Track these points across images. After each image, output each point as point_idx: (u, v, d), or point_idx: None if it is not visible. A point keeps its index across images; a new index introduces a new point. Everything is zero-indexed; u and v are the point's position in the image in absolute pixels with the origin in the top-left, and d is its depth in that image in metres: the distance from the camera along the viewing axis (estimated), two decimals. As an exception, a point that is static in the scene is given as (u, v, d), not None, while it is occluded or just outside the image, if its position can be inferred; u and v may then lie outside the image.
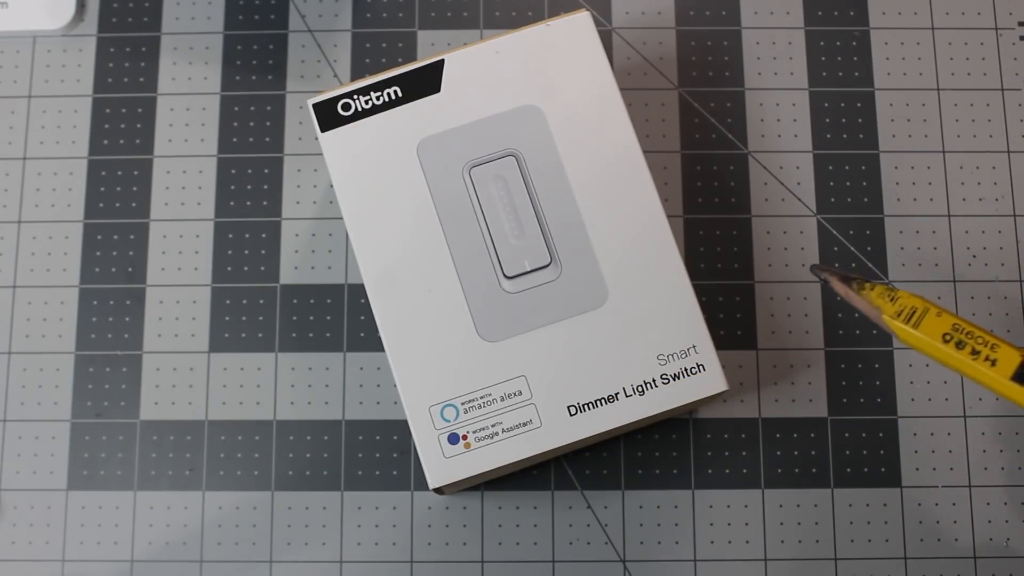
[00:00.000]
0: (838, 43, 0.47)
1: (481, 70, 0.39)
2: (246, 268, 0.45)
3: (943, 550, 0.43)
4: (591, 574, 0.42)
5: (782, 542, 0.43)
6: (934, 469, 0.43)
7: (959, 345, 0.31)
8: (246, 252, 0.45)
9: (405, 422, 0.44)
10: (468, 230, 0.38)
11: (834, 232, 0.45)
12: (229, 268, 0.45)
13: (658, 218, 0.38)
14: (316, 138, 0.44)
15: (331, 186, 0.46)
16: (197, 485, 0.43)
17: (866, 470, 0.43)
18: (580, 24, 0.40)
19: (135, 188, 0.46)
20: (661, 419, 0.40)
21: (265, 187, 0.46)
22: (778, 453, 0.44)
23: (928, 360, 0.44)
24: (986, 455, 0.43)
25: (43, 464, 0.44)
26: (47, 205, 0.46)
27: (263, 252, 0.45)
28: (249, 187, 0.46)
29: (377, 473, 0.43)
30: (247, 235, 0.46)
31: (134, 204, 0.46)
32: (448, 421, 0.37)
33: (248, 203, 0.46)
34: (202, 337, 0.45)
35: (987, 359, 0.31)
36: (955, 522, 0.43)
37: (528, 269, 0.38)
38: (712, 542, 0.43)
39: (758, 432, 0.44)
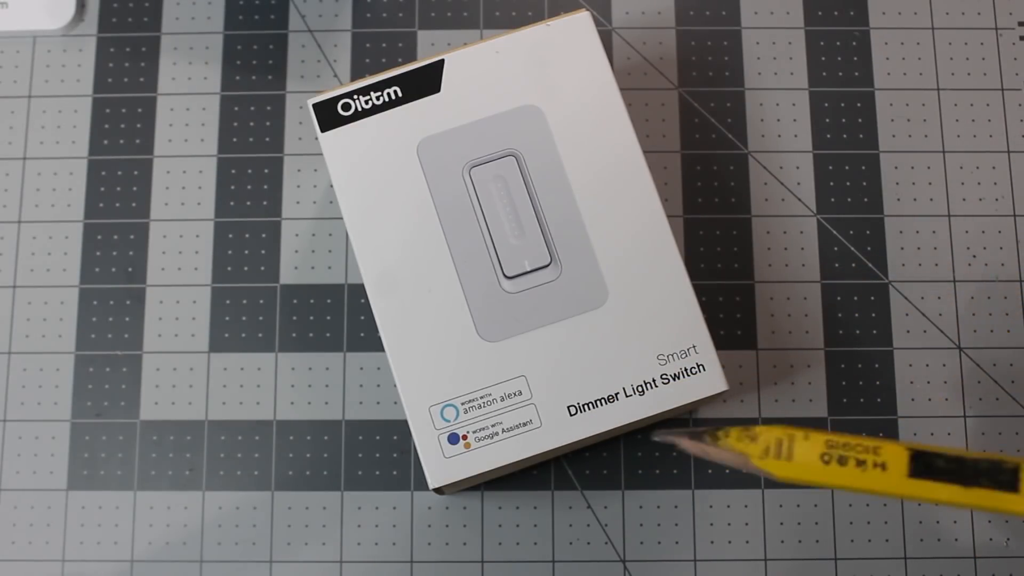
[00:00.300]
0: (838, 43, 0.47)
1: (481, 70, 0.39)
2: (246, 268, 0.45)
3: (943, 550, 0.43)
4: (591, 574, 0.42)
5: (782, 542, 0.43)
6: (934, 469, 0.43)
7: (841, 461, 0.28)
8: (246, 252, 0.45)
9: (405, 422, 0.44)
10: (468, 230, 0.38)
11: (834, 232, 0.45)
12: (229, 268, 0.45)
13: (658, 218, 0.38)
14: (316, 138, 0.44)
15: (331, 186, 0.46)
16: (197, 485, 0.43)
17: (866, 470, 0.43)
18: (580, 24, 0.40)
19: (135, 188, 0.46)
20: (661, 419, 0.40)
21: (265, 187, 0.46)
22: (778, 453, 0.43)
23: (928, 360, 0.44)
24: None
25: (43, 464, 0.44)
26: (47, 205, 0.46)
27: (263, 252, 0.45)
28: (249, 187, 0.46)
29: (377, 473, 0.43)
30: (247, 235, 0.46)
31: (134, 204, 0.46)
32: (448, 421, 0.37)
33: (248, 203, 0.46)
34: (202, 337, 0.45)
35: (875, 465, 0.28)
36: (955, 522, 0.43)
37: (528, 269, 0.38)
38: (712, 542, 0.43)
39: (758, 432, 0.44)
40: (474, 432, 0.37)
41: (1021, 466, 0.27)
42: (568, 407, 0.37)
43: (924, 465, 0.28)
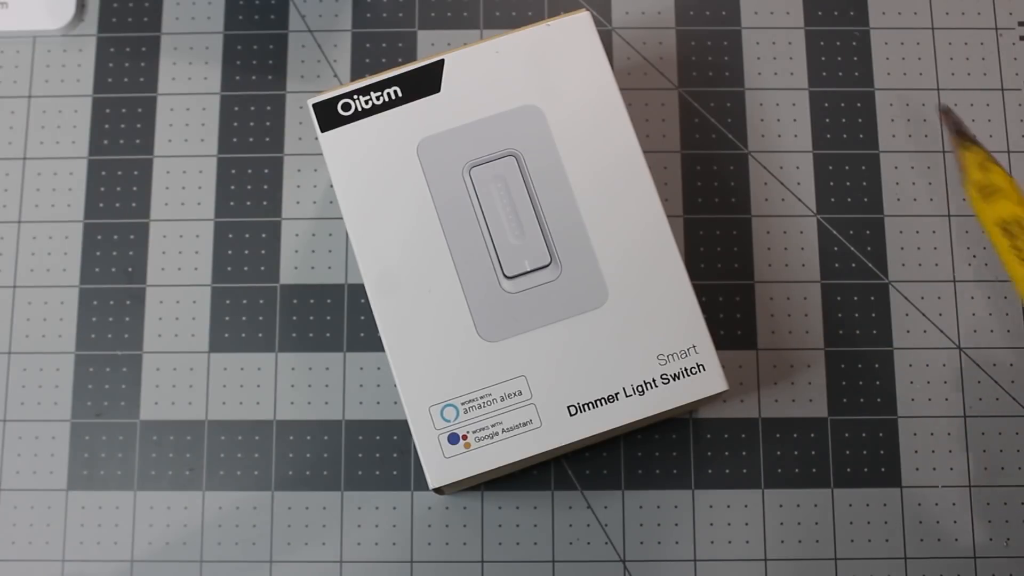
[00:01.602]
0: (838, 43, 0.47)
1: (481, 70, 0.39)
2: (246, 268, 0.45)
3: (943, 550, 0.43)
4: (591, 574, 0.42)
5: (782, 542, 0.43)
6: (934, 469, 0.43)
7: (1009, 234, 0.32)
8: (246, 252, 0.45)
9: (405, 422, 0.44)
10: (468, 230, 0.38)
11: (834, 232, 0.45)
12: (229, 268, 0.45)
13: (658, 218, 0.38)
14: (316, 138, 0.44)
15: (331, 186, 0.46)
16: (197, 485, 0.43)
17: (866, 470, 0.43)
18: (580, 24, 0.40)
19: (135, 188, 0.46)
20: (661, 419, 0.40)
21: (265, 187, 0.46)
22: (778, 453, 0.44)
23: (928, 360, 0.44)
24: (986, 455, 0.43)
25: (43, 464, 0.44)
26: (47, 205, 0.46)
27: (263, 252, 0.45)
28: (249, 187, 0.46)
29: (377, 473, 0.43)
30: (247, 235, 0.46)
31: (134, 204, 0.46)
32: (448, 421, 0.37)
33: (248, 203, 0.46)
34: (202, 337, 0.45)
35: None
36: (955, 522, 0.43)
37: (528, 269, 0.38)
38: (712, 542, 0.43)
39: (758, 432, 0.44)
40: (474, 432, 0.37)
41: None
42: (568, 407, 0.37)
43: None
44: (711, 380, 0.37)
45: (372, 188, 0.39)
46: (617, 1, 0.48)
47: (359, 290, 0.45)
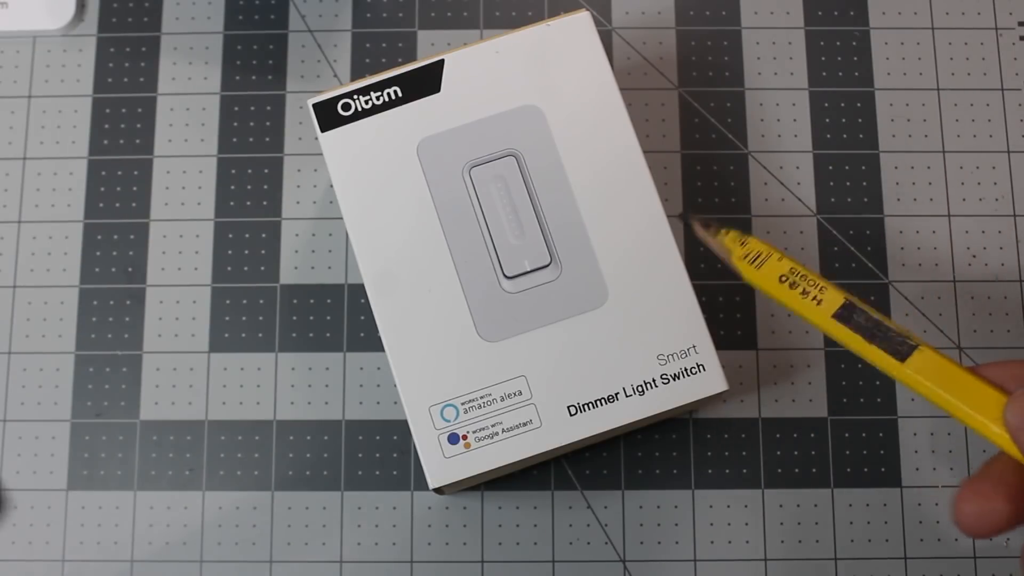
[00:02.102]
0: (838, 43, 0.47)
1: (481, 70, 0.39)
2: (246, 268, 0.45)
3: (943, 550, 0.43)
4: (591, 574, 0.42)
5: (782, 542, 0.43)
6: (934, 469, 0.43)
7: (792, 285, 0.34)
8: (246, 252, 0.45)
9: (405, 422, 0.44)
10: (468, 230, 0.38)
11: (834, 232, 0.45)
12: (229, 268, 0.45)
13: (658, 218, 0.38)
14: (316, 138, 0.44)
15: (331, 186, 0.46)
16: (197, 485, 0.43)
17: (866, 470, 0.43)
18: (580, 24, 0.40)
19: (135, 188, 0.46)
20: (661, 419, 0.40)
21: (265, 187, 0.46)
22: (778, 453, 0.44)
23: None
24: (986, 455, 0.43)
25: (43, 464, 0.44)
26: (47, 205, 0.46)
27: (263, 252, 0.45)
28: (249, 187, 0.46)
29: (377, 473, 0.43)
30: (247, 235, 0.46)
31: (134, 204, 0.46)
32: (448, 421, 0.37)
33: (248, 203, 0.46)
34: (202, 337, 0.45)
35: (814, 299, 0.33)
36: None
37: (528, 269, 0.38)
38: (712, 542, 0.43)
39: (758, 432, 0.44)
40: (474, 432, 0.37)
41: (920, 347, 0.31)
42: (568, 407, 0.37)
43: (848, 314, 0.33)
44: (711, 380, 0.37)
45: (372, 188, 0.39)
46: (617, 1, 0.48)
47: (359, 290, 0.45)
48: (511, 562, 0.43)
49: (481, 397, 0.37)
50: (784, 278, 0.34)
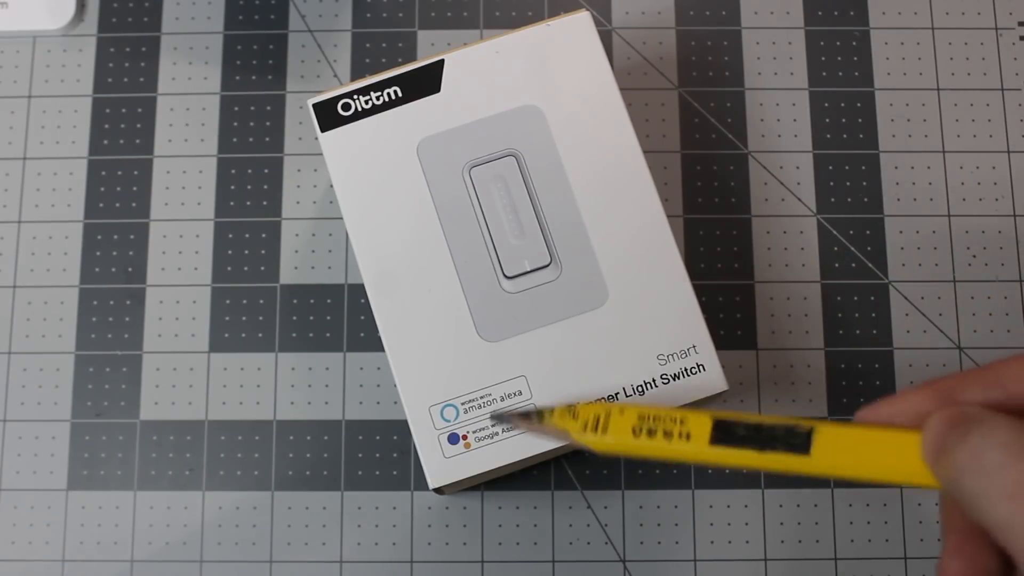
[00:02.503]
0: (838, 43, 0.47)
1: (481, 70, 0.39)
2: (246, 268, 0.45)
3: (943, 550, 0.43)
4: (591, 574, 0.42)
5: (782, 542, 0.43)
6: (934, 469, 0.43)
7: (650, 433, 0.30)
8: (246, 252, 0.45)
9: (405, 422, 0.44)
10: (468, 230, 0.38)
11: (834, 232, 0.45)
12: (229, 268, 0.45)
13: (658, 218, 0.38)
14: (316, 138, 0.44)
15: (331, 186, 0.46)
16: (197, 485, 0.43)
17: (866, 470, 0.43)
18: (580, 24, 0.40)
19: (135, 188, 0.46)
20: (661, 419, 0.40)
21: (265, 187, 0.46)
22: (778, 453, 0.43)
23: (928, 360, 0.44)
24: (986, 455, 0.43)
25: (43, 464, 0.44)
26: (47, 205, 0.46)
27: (263, 252, 0.45)
28: (249, 187, 0.46)
29: (377, 473, 0.43)
30: (247, 235, 0.46)
31: (134, 204, 0.46)
32: (448, 421, 0.37)
33: (248, 203, 0.46)
34: (202, 337, 0.45)
35: (681, 435, 0.30)
36: (955, 522, 0.43)
37: (528, 269, 0.38)
38: (712, 542, 0.43)
39: (758, 432, 0.44)
40: (474, 432, 0.37)
41: (815, 428, 0.28)
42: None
43: (725, 433, 0.29)
44: (711, 380, 0.37)
45: (372, 188, 0.39)
46: (617, 1, 0.48)
47: (359, 290, 0.45)
48: (511, 562, 0.43)
49: (481, 397, 0.37)
50: (637, 429, 0.30)
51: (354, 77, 0.47)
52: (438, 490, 0.38)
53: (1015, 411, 0.26)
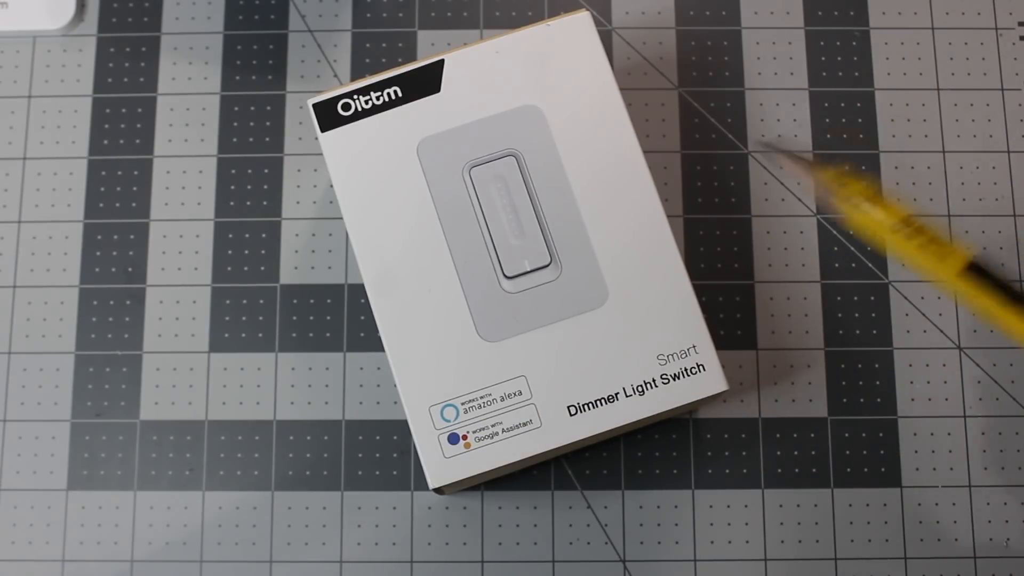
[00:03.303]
0: (838, 43, 0.47)
1: (481, 70, 0.39)
2: (246, 268, 0.45)
3: (943, 550, 0.43)
4: (591, 574, 0.42)
5: (782, 542, 0.43)
6: (934, 469, 0.43)
7: (916, 232, 0.31)
8: (246, 252, 0.45)
9: (405, 422, 0.44)
10: (468, 230, 0.38)
11: (834, 232, 0.45)
12: (229, 268, 0.45)
13: (658, 218, 0.38)
14: (316, 138, 0.44)
15: (331, 186, 0.46)
16: (197, 485, 0.43)
17: (866, 470, 0.43)
18: (580, 24, 0.40)
19: (135, 188, 0.46)
20: (661, 419, 0.40)
21: (265, 187, 0.46)
22: (778, 453, 0.44)
23: (928, 360, 0.44)
24: (986, 455, 0.43)
25: (43, 464, 0.44)
26: (47, 205, 0.46)
27: (263, 252, 0.45)
28: (249, 187, 0.46)
29: (377, 473, 0.43)
30: (247, 235, 0.46)
31: (134, 204, 0.46)
32: (448, 421, 0.37)
33: (248, 203, 0.46)
34: (202, 337, 0.45)
35: (939, 256, 0.31)
36: (955, 522, 0.43)
37: (528, 269, 0.38)
38: (712, 542, 0.43)
39: (758, 432, 0.44)
40: (474, 432, 0.37)
41: None
42: (568, 407, 0.37)
43: (979, 272, 0.30)
44: (711, 380, 0.37)
45: (372, 188, 0.39)
46: (617, 1, 0.48)
47: (359, 290, 0.45)
48: (511, 562, 0.43)
49: (481, 397, 0.37)
50: (899, 227, 0.30)
51: (354, 77, 0.47)
52: (438, 490, 0.38)
53: None
